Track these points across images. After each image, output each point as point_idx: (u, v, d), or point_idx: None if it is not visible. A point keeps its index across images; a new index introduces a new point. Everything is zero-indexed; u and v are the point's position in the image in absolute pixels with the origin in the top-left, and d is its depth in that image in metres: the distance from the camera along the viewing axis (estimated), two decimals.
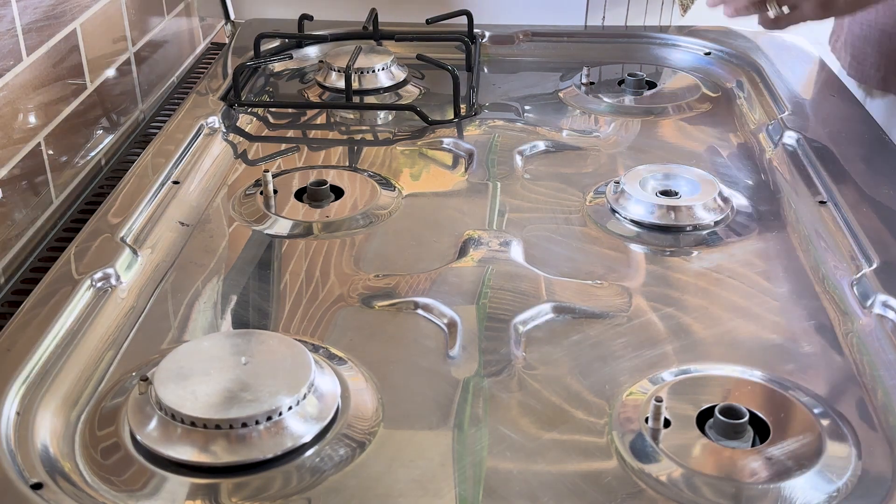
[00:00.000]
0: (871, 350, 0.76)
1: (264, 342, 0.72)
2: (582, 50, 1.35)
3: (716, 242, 0.92)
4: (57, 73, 1.03)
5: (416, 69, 1.30)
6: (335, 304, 0.83)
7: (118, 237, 0.87)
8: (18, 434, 0.66)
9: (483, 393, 0.72)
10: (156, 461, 0.64)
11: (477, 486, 0.64)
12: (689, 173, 0.99)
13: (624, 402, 0.71)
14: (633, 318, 0.81)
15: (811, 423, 0.68)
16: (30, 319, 0.76)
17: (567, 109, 1.22)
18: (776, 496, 0.62)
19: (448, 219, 0.96)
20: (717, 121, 1.18)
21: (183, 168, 1.02)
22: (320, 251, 0.90)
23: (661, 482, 0.64)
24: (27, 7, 0.96)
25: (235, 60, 1.32)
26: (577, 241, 0.92)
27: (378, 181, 1.02)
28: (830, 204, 0.95)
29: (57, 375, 0.72)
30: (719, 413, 0.67)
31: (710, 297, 0.84)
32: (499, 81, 1.31)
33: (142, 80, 1.26)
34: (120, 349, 0.76)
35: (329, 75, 1.25)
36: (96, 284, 0.81)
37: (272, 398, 0.66)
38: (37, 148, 0.98)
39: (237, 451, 0.64)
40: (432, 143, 1.12)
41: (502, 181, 1.03)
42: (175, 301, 0.83)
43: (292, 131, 1.17)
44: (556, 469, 0.65)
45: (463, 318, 0.80)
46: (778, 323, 0.81)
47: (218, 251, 0.90)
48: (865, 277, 0.82)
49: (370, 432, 0.68)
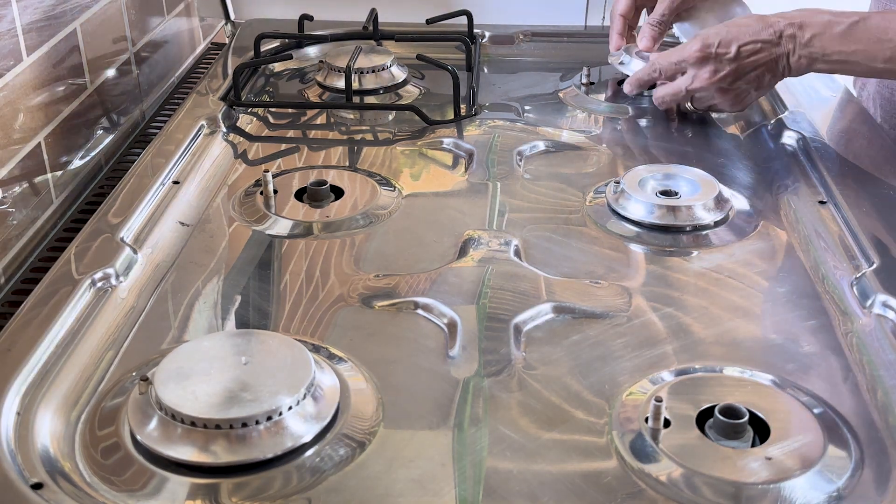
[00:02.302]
0: (871, 350, 0.76)
1: (264, 342, 0.72)
2: (582, 50, 1.35)
3: (716, 242, 0.92)
4: (57, 73, 1.03)
5: (416, 69, 1.30)
6: (335, 304, 0.83)
7: (118, 237, 0.87)
8: (18, 434, 0.66)
9: (483, 393, 0.72)
10: (156, 461, 0.64)
11: (477, 486, 0.64)
12: (689, 173, 0.99)
13: (624, 402, 0.71)
14: (632, 318, 0.81)
15: (811, 423, 0.68)
16: (30, 319, 0.75)
17: (567, 109, 1.22)
18: (776, 496, 0.62)
19: (448, 219, 0.96)
20: (717, 121, 1.18)
21: (183, 168, 1.02)
22: (320, 251, 0.90)
23: (661, 482, 0.64)
24: (27, 7, 0.96)
25: (235, 60, 1.32)
26: (576, 241, 0.92)
27: (378, 181, 1.02)
28: (830, 204, 0.95)
29: (57, 375, 0.72)
30: (719, 413, 0.67)
31: (710, 297, 0.84)
32: (499, 81, 1.31)
33: (142, 81, 1.26)
34: (120, 349, 0.76)
35: (329, 75, 1.25)
36: (96, 284, 0.81)
37: (272, 398, 0.66)
38: (37, 148, 0.98)
39: (237, 451, 0.64)
40: (432, 143, 1.12)
41: (502, 181, 1.03)
42: (175, 301, 0.83)
43: (292, 131, 1.17)
44: (556, 469, 0.65)
45: (463, 318, 0.80)
46: (778, 323, 0.81)
47: (218, 251, 0.90)
48: (865, 277, 0.82)
49: (370, 432, 0.68)
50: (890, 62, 0.98)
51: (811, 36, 1.01)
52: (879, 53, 0.98)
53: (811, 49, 1.01)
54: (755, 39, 1.04)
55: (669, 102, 1.14)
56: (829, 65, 1.02)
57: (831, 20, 1.00)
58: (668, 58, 1.10)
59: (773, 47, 1.03)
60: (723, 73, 1.06)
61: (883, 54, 0.98)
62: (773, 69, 1.05)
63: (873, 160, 1.04)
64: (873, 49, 0.98)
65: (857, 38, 0.99)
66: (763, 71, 1.05)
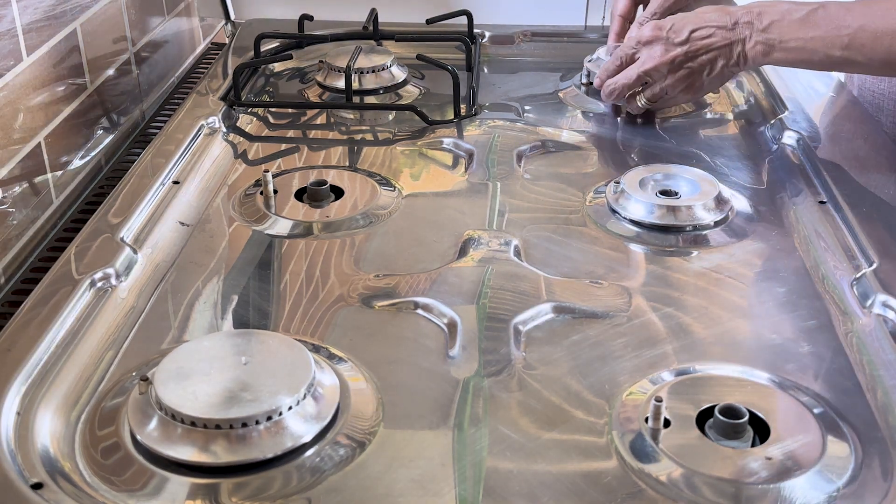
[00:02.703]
0: (871, 350, 0.76)
1: (264, 342, 0.72)
2: (582, 50, 1.34)
3: (716, 242, 0.92)
4: (57, 73, 1.03)
5: (416, 69, 1.30)
6: (335, 304, 0.83)
7: (118, 237, 0.87)
8: (19, 434, 0.66)
9: (483, 393, 0.72)
10: (156, 461, 0.64)
11: (477, 486, 0.64)
12: (689, 173, 0.99)
13: (624, 402, 0.71)
14: (632, 318, 0.81)
15: (811, 423, 0.68)
16: (30, 319, 0.75)
17: (567, 109, 1.22)
18: (776, 496, 0.62)
19: (448, 219, 0.96)
20: (717, 121, 1.18)
21: (183, 168, 1.02)
22: (320, 251, 0.90)
23: (661, 482, 0.64)
24: (27, 7, 0.96)
25: (235, 60, 1.32)
26: (576, 241, 0.92)
27: (378, 181, 1.02)
28: (830, 204, 0.95)
29: (57, 375, 0.72)
30: (719, 413, 0.67)
31: (709, 297, 0.84)
32: (499, 81, 1.31)
33: (142, 81, 1.26)
34: (120, 349, 0.76)
35: (329, 75, 1.25)
36: (96, 284, 0.81)
37: (272, 398, 0.66)
38: (37, 148, 0.98)
39: (237, 451, 0.64)
40: (432, 143, 1.12)
41: (502, 181, 1.03)
42: (175, 301, 0.83)
43: (292, 131, 1.17)
44: (556, 469, 0.65)
45: (463, 318, 0.80)
46: (778, 323, 0.81)
47: (218, 251, 0.90)
48: (865, 277, 0.82)
49: (370, 432, 0.68)
50: (847, 49, 0.97)
51: (769, 23, 1.00)
52: (837, 41, 0.97)
53: (768, 35, 1.00)
54: (708, 24, 1.04)
55: (621, 89, 1.12)
56: (786, 53, 1.01)
57: (790, 8, 1.00)
58: (627, 43, 1.12)
59: (726, 32, 1.03)
60: (672, 53, 1.05)
61: (841, 41, 0.97)
62: (726, 55, 1.04)
63: (873, 160, 1.04)
64: (831, 36, 0.97)
65: (815, 23, 0.98)
66: (715, 56, 1.04)
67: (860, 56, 0.97)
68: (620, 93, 1.13)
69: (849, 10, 0.98)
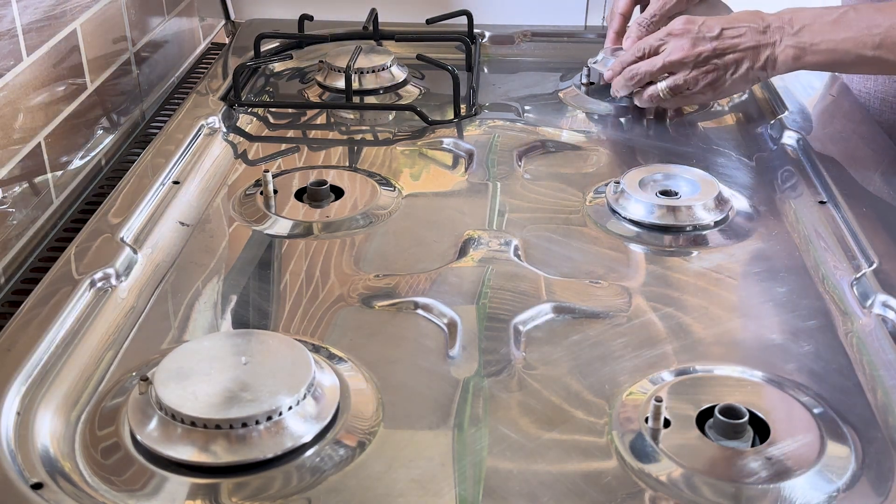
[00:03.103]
0: (871, 350, 0.76)
1: (264, 342, 0.72)
2: (582, 50, 1.34)
3: (716, 242, 0.92)
4: (57, 73, 1.03)
5: (416, 69, 1.30)
6: (335, 304, 0.83)
7: (118, 237, 0.87)
8: (19, 434, 0.66)
9: (483, 393, 0.72)
10: (156, 461, 0.64)
11: (477, 486, 0.64)
12: (689, 173, 0.99)
13: (624, 402, 0.71)
14: (632, 318, 0.81)
15: (811, 423, 0.68)
16: (30, 319, 0.76)
17: (567, 109, 1.22)
18: (776, 496, 0.62)
19: (448, 219, 0.96)
20: (717, 121, 1.18)
21: (183, 168, 1.02)
22: (320, 251, 0.90)
23: (661, 482, 0.64)
24: (27, 7, 0.96)
25: (235, 60, 1.32)
26: (576, 241, 0.92)
27: (378, 181, 1.02)
28: (830, 204, 0.95)
29: (57, 375, 0.72)
30: (719, 413, 0.67)
31: (709, 297, 0.84)
32: (499, 81, 1.31)
33: (142, 81, 1.26)
34: (120, 349, 0.76)
35: (329, 75, 1.25)
36: (96, 284, 0.81)
37: (272, 398, 0.66)
38: (37, 148, 0.98)
39: (237, 451, 0.64)
40: (432, 143, 1.12)
41: (502, 181, 1.03)
42: (175, 301, 0.83)
43: (292, 131, 1.17)
44: (556, 469, 0.65)
45: (463, 318, 0.80)
46: (778, 323, 0.81)
47: (218, 251, 0.90)
48: (865, 277, 0.82)
49: (370, 432, 0.68)
50: (879, 49, 0.97)
51: (801, 27, 1.01)
52: (869, 40, 0.98)
53: (800, 39, 1.01)
54: (741, 24, 1.04)
55: (642, 76, 1.10)
56: (817, 56, 1.01)
57: (821, 12, 1.01)
58: (654, 35, 1.11)
59: (757, 34, 1.03)
60: (701, 47, 1.05)
61: (872, 41, 0.98)
62: (754, 57, 1.04)
63: (873, 160, 1.04)
64: (862, 36, 0.98)
65: (847, 24, 0.99)
66: (742, 56, 1.04)
67: (892, 55, 0.98)
68: (641, 79, 1.11)
69: (880, 9, 0.98)
